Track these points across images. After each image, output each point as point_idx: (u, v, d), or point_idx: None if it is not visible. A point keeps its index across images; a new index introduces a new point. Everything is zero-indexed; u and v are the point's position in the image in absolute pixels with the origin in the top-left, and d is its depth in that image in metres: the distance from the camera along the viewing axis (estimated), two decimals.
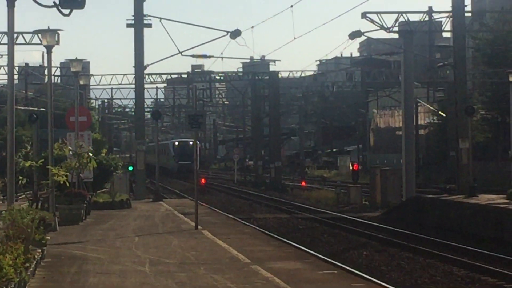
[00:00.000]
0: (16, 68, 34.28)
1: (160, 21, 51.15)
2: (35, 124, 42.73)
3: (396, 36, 49.81)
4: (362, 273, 21.31)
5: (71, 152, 30.59)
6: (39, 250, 17.32)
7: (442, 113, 66.29)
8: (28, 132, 47.24)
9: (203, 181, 50.13)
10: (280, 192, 68.64)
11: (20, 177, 27.37)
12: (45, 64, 31.56)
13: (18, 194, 31.50)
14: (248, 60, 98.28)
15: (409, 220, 39.78)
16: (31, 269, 14.73)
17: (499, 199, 36.15)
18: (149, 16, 52.83)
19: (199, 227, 28.96)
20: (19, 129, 43.05)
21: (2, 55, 58.63)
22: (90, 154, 30.61)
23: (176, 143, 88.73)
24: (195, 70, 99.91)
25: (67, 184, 28.27)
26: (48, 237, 19.53)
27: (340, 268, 22.05)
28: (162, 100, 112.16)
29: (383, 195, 47.58)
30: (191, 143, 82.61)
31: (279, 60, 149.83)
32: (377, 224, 38.20)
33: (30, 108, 55.81)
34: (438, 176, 57.05)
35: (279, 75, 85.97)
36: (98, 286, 15.20)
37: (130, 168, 52.22)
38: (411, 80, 47.05)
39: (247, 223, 37.97)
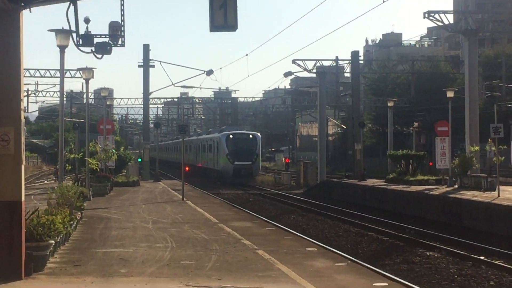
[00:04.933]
0: (65, 93, 45.12)
1: (160, 63, 68.94)
2: (76, 130, 58.04)
3: (314, 75, 63.55)
4: (291, 230, 27.87)
5: (100, 149, 42.07)
6: (79, 213, 23.52)
7: (343, 126, 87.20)
8: (72, 135, 60.95)
9: (187, 168, 54.26)
10: None
11: (67, 165, 38.45)
12: (84, 91, 42.39)
13: (65, 176, 38.33)
14: (218, 90, 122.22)
15: (321, 195, 50.83)
16: (74, 225, 20.77)
17: (380, 183, 46.07)
18: (153, 60, 67.84)
19: (184, 198, 36.79)
20: (66, 134, 52.63)
21: (55, 85, 74.90)
22: (113, 151, 45.11)
23: (231, 135, 65.89)
24: (183, 96, 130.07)
25: (98, 169, 39.38)
26: (85, 204, 26.92)
27: (276, 226, 28.80)
28: (160, 115, 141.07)
29: (305, 179, 61.49)
30: (251, 136, 69.00)
31: (238, 90, 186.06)
32: (301, 198, 49.01)
33: (74, 120, 70.08)
34: (340, 167, 70.24)
35: (238, 100, 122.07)
36: (117, 237, 20.83)
37: (139, 160, 65.15)
38: (324, 104, 62.39)
39: (216, 197, 47.30)
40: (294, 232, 26.63)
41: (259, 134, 70.02)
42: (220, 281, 13.51)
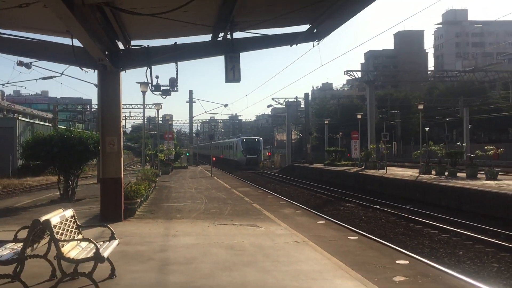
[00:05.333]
0: (146, 117, 48.71)
1: (199, 100, 73.11)
2: (152, 138, 59.86)
3: (284, 106, 62.08)
4: (272, 192, 28.00)
5: (165, 148, 42.61)
6: (154, 184, 23.70)
7: (300, 134, 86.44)
8: (150, 141, 60.59)
9: (214, 158, 54.57)
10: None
11: (147, 157, 42.19)
12: (156, 115, 42.62)
13: (147, 163, 40.56)
14: (231, 115, 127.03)
15: (288, 173, 48.82)
16: (151, 191, 21.34)
17: (321, 166, 44.43)
18: (195, 98, 63.17)
19: (212, 175, 35.56)
20: (147, 140, 51.07)
21: (140, 113, 75.51)
22: (173, 150, 44.96)
23: (244, 139, 64.16)
24: (211, 118, 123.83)
25: (164, 159, 40.14)
26: (157, 179, 27.30)
27: (263, 190, 28.82)
28: (199, 129, 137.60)
29: (279, 164, 62.07)
30: (256, 139, 66.29)
31: (242, 115, 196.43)
32: (277, 174, 48.08)
33: (151, 132, 70.68)
34: (299, 157, 67.84)
35: (242, 121, 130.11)
36: (175, 196, 20.77)
37: (187, 154, 62.47)
38: (289, 122, 62.49)
39: (230, 173, 46.99)
40: (273, 193, 26.67)
41: (261, 138, 68.32)
42: (232, 221, 13.51)
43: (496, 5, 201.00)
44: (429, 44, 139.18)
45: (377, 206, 21.15)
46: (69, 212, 7.19)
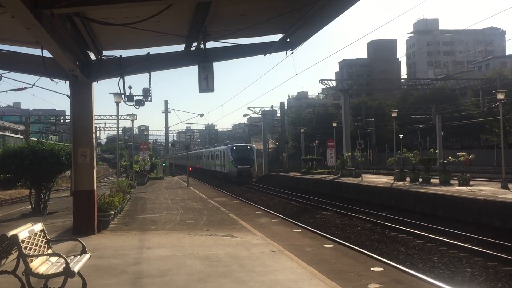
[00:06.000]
0: (120, 128, 49.24)
1: (174, 110, 74.44)
2: (127, 149, 53.33)
3: (260, 115, 62.68)
4: (248, 201, 27.81)
5: (141, 159, 42.15)
6: (128, 195, 23.25)
7: (277, 143, 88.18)
8: (125, 152, 56.75)
9: (190, 168, 53.81)
10: None
11: (121, 168, 39.97)
12: (130, 126, 42.52)
13: (122, 174, 38.95)
14: (206, 124, 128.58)
15: (265, 182, 48.13)
16: (125, 202, 20.82)
17: (297, 174, 44.68)
18: (170, 108, 65.27)
19: (189, 186, 35.50)
20: (121, 151, 50.77)
21: (109, 126, 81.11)
22: (148, 160, 45.55)
23: (234, 147, 53.10)
24: (187, 128, 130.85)
25: (139, 170, 39.75)
26: (132, 190, 26.96)
27: (240, 199, 28.57)
28: (175, 139, 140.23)
29: (257, 172, 56.88)
30: (248, 147, 55.34)
31: (218, 124, 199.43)
32: (254, 183, 47.43)
33: (126, 143, 67.13)
34: (276, 166, 66.09)
35: (218, 130, 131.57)
36: (150, 208, 20.51)
37: (164, 164, 60.44)
38: (265, 131, 62.29)
39: (206, 184, 45.13)
40: (250, 203, 26.57)
41: (254, 145, 57.47)
42: (208, 231, 13.42)
43: (465, 15, 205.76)
44: (401, 53, 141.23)
45: (353, 214, 21.26)
46: (38, 227, 7.02)
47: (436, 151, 38.41)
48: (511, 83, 53.58)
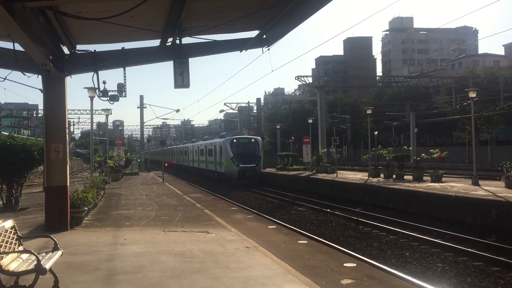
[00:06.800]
0: (95, 123, 48.98)
1: (150, 105, 72.31)
2: (102, 144, 54.97)
3: (237, 111, 64.28)
4: (223, 197, 27.12)
5: (115, 154, 41.54)
6: (102, 191, 23.12)
7: None
8: (100, 147, 56.41)
9: (166, 164, 53.54)
10: None
11: (96, 164, 39.77)
12: (105, 121, 41.35)
13: (96, 170, 39.59)
14: (183, 120, 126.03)
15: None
16: (99, 198, 20.80)
17: (273, 170, 43.70)
18: (145, 104, 64.14)
19: (164, 181, 35.43)
20: (96, 146, 51.93)
21: (83, 121, 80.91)
22: (123, 155, 44.30)
23: (235, 140, 41.13)
24: (163, 123, 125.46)
25: (114, 166, 39.35)
26: (106, 186, 27.03)
27: (215, 195, 28.09)
28: (151, 134, 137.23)
29: None
30: (253, 140, 42.48)
31: (194, 120, 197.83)
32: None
33: (100, 138, 70.12)
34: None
35: (194, 126, 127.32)
36: (125, 204, 20.36)
37: (139, 160, 61.16)
38: (242, 128, 62.69)
39: (182, 180, 45.04)
40: (225, 199, 26.50)
41: (259, 138, 44.33)
42: (182, 227, 13.40)
43: (439, 13, 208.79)
44: (377, 50, 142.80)
45: (328, 210, 21.43)
46: (8, 223, 6.92)
47: (410, 148, 39.01)
48: (483, 81, 54.62)
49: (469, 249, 12.45)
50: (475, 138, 38.01)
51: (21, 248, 6.94)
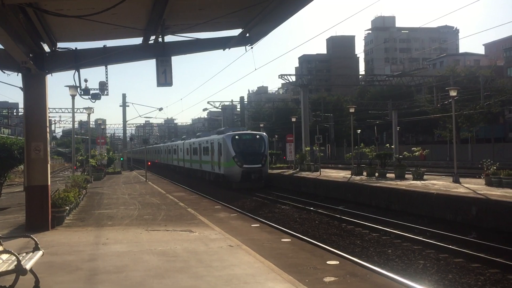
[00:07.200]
0: (77, 121, 48.44)
1: (132, 104, 71.85)
2: (84, 143, 53.66)
3: (220, 110, 65.26)
4: (207, 196, 26.74)
5: (98, 153, 41.76)
6: (84, 190, 22.90)
7: None
8: (81, 146, 55.56)
9: (149, 163, 53.12)
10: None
11: (77, 163, 40.02)
12: (87, 120, 39.23)
13: (77, 169, 37.51)
14: (166, 118, 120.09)
15: None
16: (81, 198, 20.56)
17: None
18: (128, 102, 63.66)
19: (147, 180, 35.30)
20: (78, 145, 51.84)
21: (64, 120, 78.11)
22: (105, 154, 44.41)
23: (237, 136, 34.56)
24: (146, 122, 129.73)
25: (96, 165, 39.15)
26: (88, 186, 26.76)
27: (199, 194, 27.51)
28: (134, 133, 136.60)
29: None
30: (258, 136, 35.90)
31: (177, 118, 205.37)
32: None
33: (82, 137, 68.57)
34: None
35: (177, 124, 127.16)
36: (107, 203, 20.15)
37: (121, 159, 60.06)
38: (226, 126, 55.05)
39: (165, 178, 43.89)
40: (209, 197, 26.18)
41: (265, 134, 37.52)
42: (165, 226, 13.34)
43: (421, 13, 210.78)
44: (360, 49, 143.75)
45: (311, 208, 21.51)
46: None
47: (392, 146, 39.31)
48: (464, 80, 55.31)
49: (450, 246, 12.61)
50: (456, 137, 38.44)
51: (0, 248, 6.84)
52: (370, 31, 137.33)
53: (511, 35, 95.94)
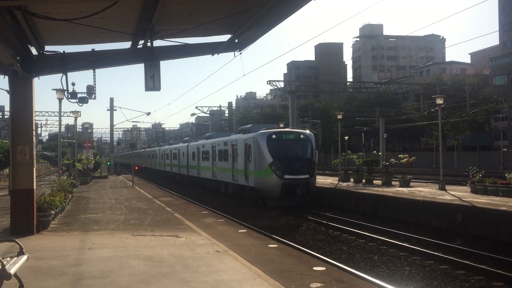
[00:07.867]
0: (63, 125, 48.41)
1: (120, 108, 71.33)
2: (70, 146, 50.90)
3: (208, 115, 64.88)
4: (194, 201, 26.26)
5: (84, 157, 40.72)
6: (70, 195, 22.68)
7: None
8: (68, 150, 53.27)
9: (136, 168, 52.76)
10: None
11: (64, 167, 39.19)
12: (74, 123, 39.16)
13: (63, 173, 37.46)
14: (153, 123, 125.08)
15: None
16: (67, 202, 20.27)
17: None
18: (115, 106, 63.45)
19: (134, 185, 34.88)
20: (64, 149, 49.32)
21: (51, 123, 76.84)
22: (92, 159, 43.74)
23: (274, 135, 23.91)
24: (134, 126, 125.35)
25: (82, 169, 38.03)
26: (74, 190, 26.37)
27: (185, 199, 27.00)
28: (121, 137, 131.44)
29: None
30: (302, 135, 25.43)
31: (165, 123, 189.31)
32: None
33: (69, 140, 64.99)
34: None
35: (165, 129, 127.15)
36: (93, 208, 19.99)
37: (108, 163, 59.15)
38: (214, 131, 57.83)
39: (152, 183, 43.25)
40: (196, 202, 25.95)
41: (312, 134, 27.18)
42: (152, 231, 13.28)
43: (408, 21, 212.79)
44: (348, 56, 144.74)
45: (298, 214, 21.52)
46: None
47: (379, 153, 39.53)
48: (450, 89, 55.87)
49: (436, 253, 12.70)
50: (442, 144, 38.74)
51: None
52: (358, 39, 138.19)
53: (496, 45, 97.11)
